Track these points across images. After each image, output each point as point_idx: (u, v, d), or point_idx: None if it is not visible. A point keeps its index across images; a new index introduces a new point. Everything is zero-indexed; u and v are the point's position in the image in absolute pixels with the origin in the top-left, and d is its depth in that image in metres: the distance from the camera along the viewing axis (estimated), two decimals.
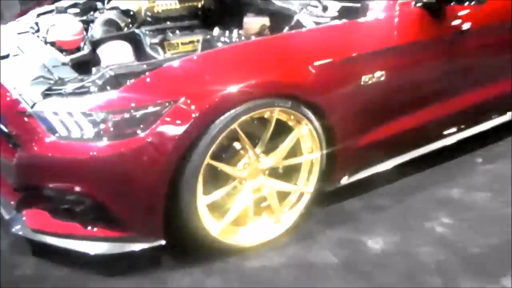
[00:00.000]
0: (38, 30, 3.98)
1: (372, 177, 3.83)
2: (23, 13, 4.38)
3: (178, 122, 2.94)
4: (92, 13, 4.16)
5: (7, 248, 3.46)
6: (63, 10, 4.11)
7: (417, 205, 3.88)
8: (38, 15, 4.16)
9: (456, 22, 3.80)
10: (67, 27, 3.76)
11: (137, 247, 3.16)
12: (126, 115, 2.94)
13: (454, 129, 4.21)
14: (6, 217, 3.29)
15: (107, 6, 4.15)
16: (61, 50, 3.67)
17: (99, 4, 4.22)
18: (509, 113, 4.57)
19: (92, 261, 3.24)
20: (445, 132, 4.17)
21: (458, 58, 3.96)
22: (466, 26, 3.84)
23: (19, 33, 3.92)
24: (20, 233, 3.23)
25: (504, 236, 3.58)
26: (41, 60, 3.45)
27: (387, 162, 3.88)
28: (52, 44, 3.75)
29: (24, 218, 3.23)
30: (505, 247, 3.49)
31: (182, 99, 2.95)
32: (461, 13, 3.80)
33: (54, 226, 3.20)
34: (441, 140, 4.16)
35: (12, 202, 3.29)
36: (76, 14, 4.09)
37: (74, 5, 4.20)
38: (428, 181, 4.14)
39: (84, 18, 4.07)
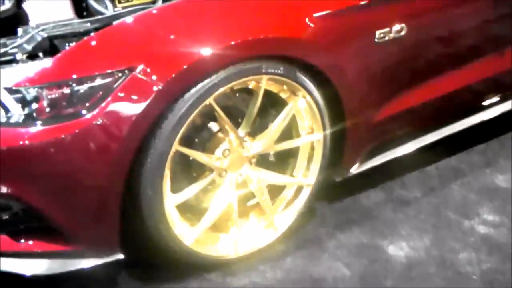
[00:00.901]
0: None
1: (392, 163, 3.84)
2: None
3: (135, 97, 2.90)
4: None
5: None
6: None
7: (452, 198, 3.91)
8: None
9: None
10: None
11: (86, 263, 3.12)
12: (66, 91, 2.89)
13: (496, 98, 4.24)
14: None
15: None
16: None
17: None
18: None
19: (33, 281, 3.21)
20: (485, 103, 4.21)
21: (500, 2, 3.98)
22: None
23: None
24: None
25: None
26: None
27: (411, 143, 3.91)
28: None
29: None
30: None
31: (140, 67, 2.90)
32: None
33: None
34: (480, 112, 4.19)
35: None
36: None
37: None
38: (466, 167, 4.20)
39: None
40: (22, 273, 3.09)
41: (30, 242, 3.10)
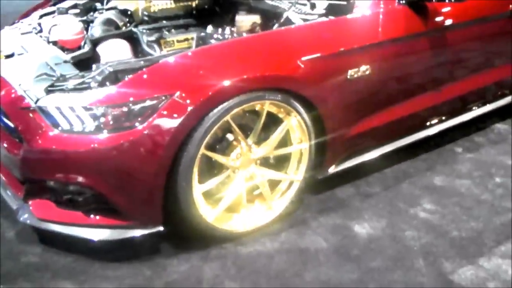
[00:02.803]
0: (41, 31, 3.94)
1: (361, 165, 3.83)
2: (25, 14, 4.35)
3: (174, 115, 2.93)
4: (92, 13, 4.13)
5: (14, 237, 3.45)
6: (65, 11, 4.07)
7: (402, 193, 3.89)
8: (41, 16, 4.13)
9: (438, 18, 3.80)
10: (68, 27, 3.72)
11: (136, 233, 3.15)
12: (125, 109, 2.93)
13: (436, 120, 4.20)
14: (14, 207, 3.28)
15: (106, 6, 4.14)
16: (62, 49, 3.65)
17: (98, 5, 4.19)
18: (488, 105, 4.59)
19: (95, 248, 3.25)
20: (428, 123, 4.17)
21: (440, 52, 3.95)
22: (447, 22, 3.85)
23: (22, 33, 3.90)
24: (27, 222, 3.22)
25: (484, 221, 3.60)
26: (44, 59, 3.43)
27: (374, 151, 3.88)
28: (54, 43, 3.72)
29: (30, 208, 3.22)
30: (485, 230, 3.51)
31: (178, 93, 2.94)
32: (442, 10, 3.80)
33: (58, 215, 3.18)
34: (424, 130, 4.15)
35: (19, 194, 3.29)
36: (76, 15, 4.06)
37: (75, 6, 4.17)
38: (413, 170, 4.14)
39: (85, 18, 4.05)
40: (91, 238, 3.13)
41: (97, 217, 3.14)
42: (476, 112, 4.50)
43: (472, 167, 4.20)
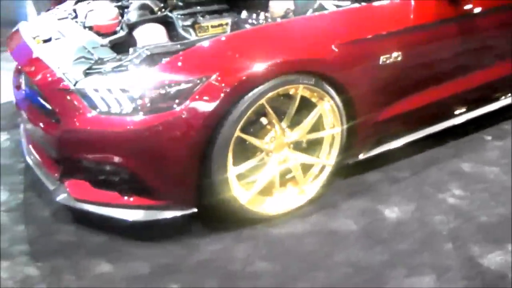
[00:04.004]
0: (76, 16, 3.99)
1: (390, 150, 3.83)
2: (60, 1, 4.38)
3: (210, 97, 2.96)
4: None
5: (49, 216, 3.50)
6: None
7: (431, 178, 3.88)
8: (76, 2, 4.17)
9: (467, 5, 3.78)
10: (104, 12, 3.78)
11: (170, 214, 3.18)
12: (162, 91, 2.95)
13: (464, 108, 4.19)
14: (51, 188, 3.32)
15: None
16: (98, 34, 3.69)
17: None
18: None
19: (129, 227, 3.27)
20: (457, 111, 4.16)
21: (469, 39, 3.94)
22: (476, 8, 3.84)
23: (59, 19, 3.94)
24: (64, 202, 3.26)
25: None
26: (81, 43, 3.47)
27: (404, 138, 3.88)
28: (90, 28, 3.77)
29: (67, 188, 3.25)
30: None
31: (214, 76, 2.96)
32: None
33: (94, 195, 3.22)
34: (453, 118, 4.14)
35: (56, 175, 3.32)
36: (111, 0, 4.10)
37: None
38: (441, 156, 4.13)
39: (119, 3, 4.09)
40: (125, 218, 3.16)
41: (132, 198, 3.16)
42: (505, 101, 4.48)
43: (500, 155, 4.18)
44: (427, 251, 3.20)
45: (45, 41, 3.59)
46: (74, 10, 4.06)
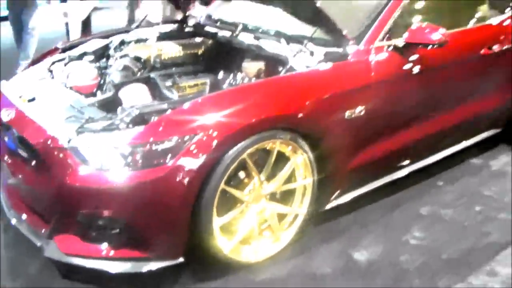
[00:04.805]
0: (53, 77, 4.12)
1: (359, 197, 4.09)
2: (36, 61, 4.51)
3: (197, 154, 3.14)
4: (104, 60, 4.34)
5: (35, 273, 3.58)
6: (76, 58, 4.26)
7: (395, 221, 4.17)
8: (52, 63, 4.28)
9: (421, 61, 4.09)
10: (84, 73, 3.94)
11: (158, 265, 3.30)
12: (151, 148, 3.13)
13: (422, 154, 4.55)
14: (38, 243, 3.40)
15: (119, 54, 4.34)
16: (79, 94, 3.84)
17: (111, 52, 4.39)
18: (467, 140, 4.96)
19: (116, 279, 3.39)
20: (416, 156, 4.48)
21: (425, 92, 4.26)
22: (429, 63, 4.16)
23: (39, 79, 4.07)
24: (53, 257, 3.34)
25: (469, 244, 3.91)
26: (68, 102, 3.62)
27: (370, 184, 4.14)
28: (71, 88, 3.91)
29: (56, 243, 3.33)
30: (470, 253, 3.83)
31: (201, 134, 3.16)
32: (425, 53, 4.09)
33: (83, 249, 3.30)
34: (413, 164, 4.46)
35: (43, 230, 3.41)
36: (91, 61, 4.27)
37: (85, 54, 4.35)
38: (402, 201, 4.43)
39: (98, 64, 4.26)
40: (115, 271, 3.27)
41: (120, 250, 3.26)
42: (457, 147, 4.86)
43: (453, 197, 4.51)
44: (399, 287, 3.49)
45: (30, 100, 3.69)
46: (51, 71, 4.18)
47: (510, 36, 5.01)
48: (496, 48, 4.82)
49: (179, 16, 5.29)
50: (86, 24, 7.70)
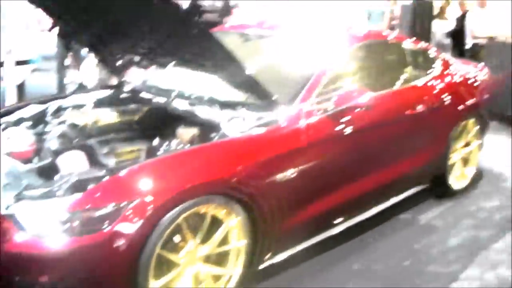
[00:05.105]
0: None
1: (294, 255, 4.24)
2: None
3: (134, 220, 3.26)
4: (42, 126, 4.43)
5: None
6: (13, 124, 4.34)
7: (330, 277, 4.31)
8: None
9: (350, 123, 4.34)
10: (21, 139, 4.03)
11: None
12: (91, 214, 3.23)
13: (352, 212, 4.75)
14: None
15: (56, 120, 4.45)
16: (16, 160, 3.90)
17: (48, 118, 4.49)
18: (394, 198, 5.23)
19: None
20: (347, 215, 4.68)
21: (353, 153, 4.49)
22: (358, 125, 4.40)
23: None
24: None
25: None
26: (4, 169, 3.67)
27: (303, 243, 4.30)
28: (8, 155, 3.96)
29: None
30: None
31: (138, 200, 3.29)
32: (353, 116, 4.33)
33: None
34: (343, 223, 4.65)
35: None
36: (28, 127, 4.35)
37: (22, 120, 4.44)
38: (334, 257, 4.58)
39: (36, 131, 4.34)
40: None
41: None
42: (387, 203, 5.11)
43: (383, 253, 4.70)
44: None
45: None
46: None
47: (433, 96, 5.34)
48: (420, 108, 5.14)
49: (114, 80, 5.42)
50: (21, 88, 7.72)
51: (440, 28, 11.99)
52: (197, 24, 3.74)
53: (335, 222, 4.57)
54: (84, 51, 7.30)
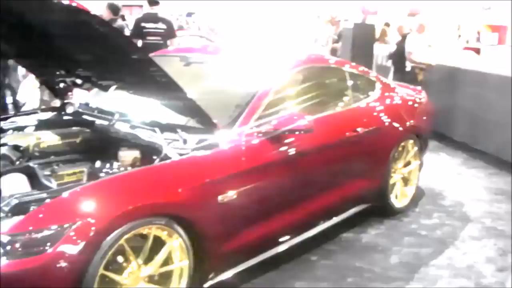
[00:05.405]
0: None
1: (236, 275, 4.29)
2: None
3: (76, 242, 3.30)
4: None
5: None
6: None
7: None
8: None
9: (291, 146, 4.49)
10: None
11: None
12: (32, 236, 3.26)
13: (295, 232, 4.82)
14: None
15: None
16: None
17: None
18: (336, 217, 5.35)
19: None
20: (289, 236, 4.74)
21: (295, 175, 4.63)
22: (299, 148, 4.54)
23: None
24: None
25: None
26: None
27: (246, 263, 4.36)
28: None
29: None
30: None
31: (79, 222, 3.33)
32: (294, 139, 4.48)
33: None
34: (286, 242, 4.72)
35: None
36: None
37: None
38: (278, 277, 4.67)
39: None
40: None
41: None
42: (329, 222, 5.23)
43: (329, 272, 4.81)
44: None
45: None
46: None
47: (373, 118, 5.53)
48: (361, 130, 5.31)
49: (56, 102, 5.45)
50: None
51: (381, 51, 12.30)
52: (137, 49, 3.81)
53: (279, 241, 4.66)
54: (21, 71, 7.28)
